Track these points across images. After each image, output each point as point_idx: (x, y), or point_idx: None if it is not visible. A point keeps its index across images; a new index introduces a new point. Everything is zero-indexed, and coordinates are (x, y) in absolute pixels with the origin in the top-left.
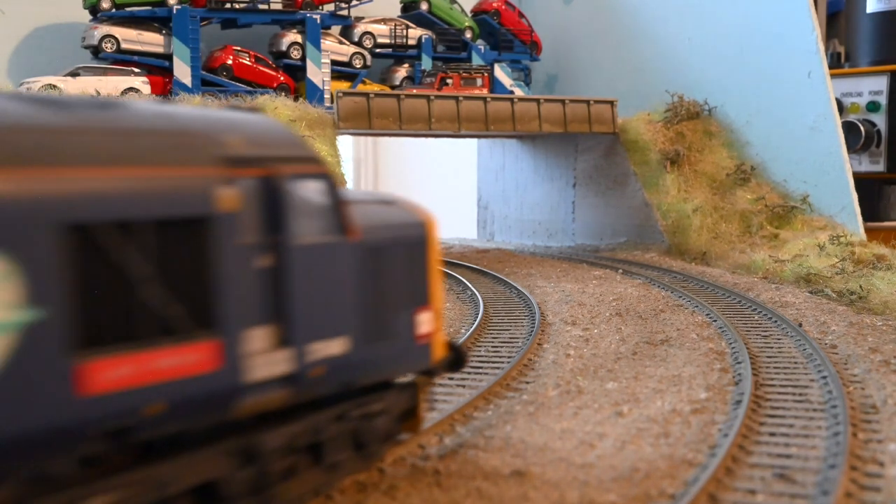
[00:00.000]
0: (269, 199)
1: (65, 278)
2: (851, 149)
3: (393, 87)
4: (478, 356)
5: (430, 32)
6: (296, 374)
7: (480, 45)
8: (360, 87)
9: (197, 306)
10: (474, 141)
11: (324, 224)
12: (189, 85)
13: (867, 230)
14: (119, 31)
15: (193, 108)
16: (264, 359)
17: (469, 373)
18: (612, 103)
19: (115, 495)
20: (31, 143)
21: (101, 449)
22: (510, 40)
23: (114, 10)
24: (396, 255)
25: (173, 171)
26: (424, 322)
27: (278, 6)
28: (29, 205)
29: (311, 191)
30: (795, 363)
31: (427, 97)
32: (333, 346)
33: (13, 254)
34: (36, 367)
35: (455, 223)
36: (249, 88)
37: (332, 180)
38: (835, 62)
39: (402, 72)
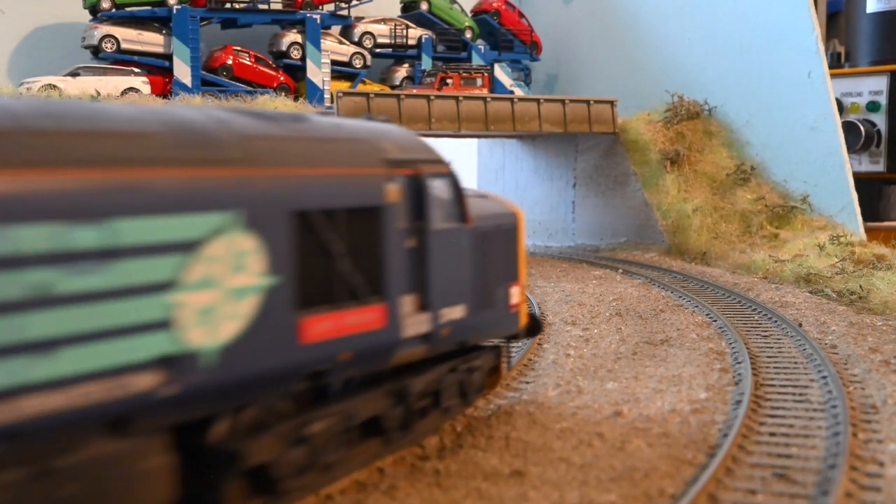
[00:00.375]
0: (415, 193)
1: (292, 253)
2: (851, 149)
3: (393, 87)
4: None
5: (430, 32)
6: (432, 333)
7: (480, 45)
8: (360, 87)
9: (372, 276)
10: (474, 141)
11: (451, 213)
12: (189, 85)
13: (867, 230)
14: (119, 31)
15: (353, 120)
16: (412, 319)
17: None
18: (612, 103)
19: (325, 423)
20: (265, 148)
21: (305, 388)
22: (510, 40)
23: (114, 10)
24: (498, 240)
25: (356, 171)
26: (515, 295)
27: (278, 6)
28: (270, 196)
29: (441, 187)
30: (795, 363)
31: (427, 97)
32: (456, 312)
33: (260, 234)
34: (274, 320)
35: None
36: (249, 88)
37: (456, 178)
38: (835, 62)
39: (402, 72)
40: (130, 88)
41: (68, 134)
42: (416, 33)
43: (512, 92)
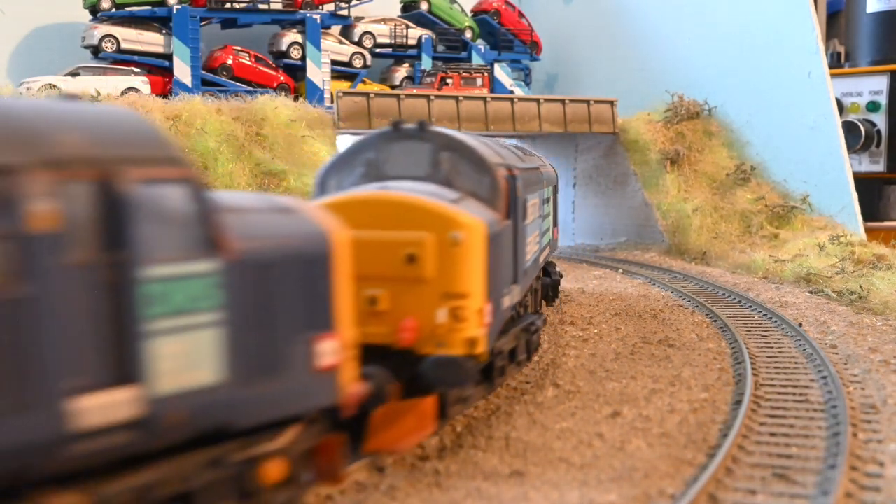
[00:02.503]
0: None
1: None
2: (851, 149)
3: (393, 87)
4: None
5: (430, 32)
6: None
7: (480, 45)
8: (360, 87)
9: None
10: None
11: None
12: (189, 85)
13: (867, 230)
14: (119, 31)
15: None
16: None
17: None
18: (612, 103)
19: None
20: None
21: None
22: (510, 40)
23: (114, 10)
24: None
25: None
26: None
27: (278, 6)
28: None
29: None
30: (795, 363)
31: (427, 97)
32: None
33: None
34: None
35: None
36: (249, 88)
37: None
38: (835, 62)
39: (402, 72)
40: (130, 88)
41: None
42: (416, 33)
43: (512, 92)
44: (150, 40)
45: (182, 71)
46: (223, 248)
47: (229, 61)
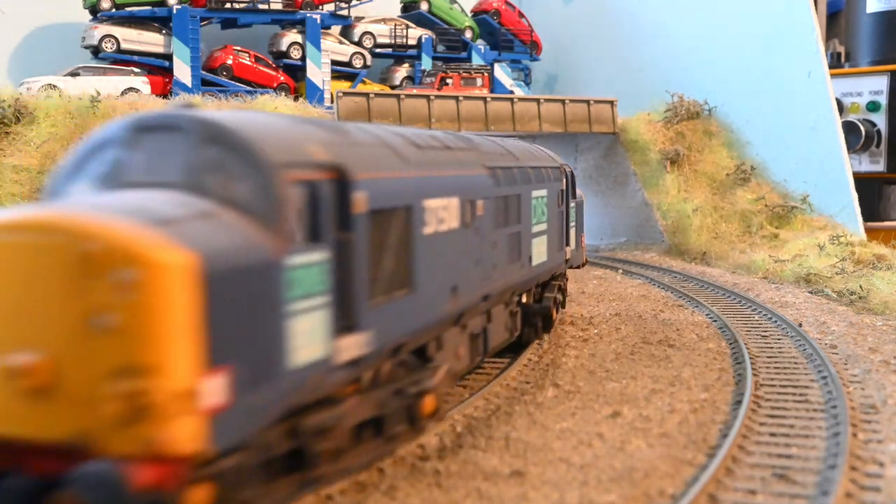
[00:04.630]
0: None
1: None
2: (851, 149)
3: (393, 87)
4: None
5: (430, 32)
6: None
7: (480, 45)
8: (360, 87)
9: None
10: None
11: None
12: (189, 85)
13: (867, 230)
14: (119, 31)
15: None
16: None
17: (469, 373)
18: (612, 103)
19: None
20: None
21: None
22: (510, 40)
23: (114, 10)
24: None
25: None
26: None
27: (278, 6)
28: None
29: None
30: (795, 363)
31: (427, 97)
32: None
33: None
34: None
35: None
36: (249, 88)
37: None
38: (835, 62)
39: (402, 72)
40: (130, 88)
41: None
42: (416, 33)
43: (512, 92)
44: (150, 40)
45: (182, 71)
46: None
47: (229, 61)
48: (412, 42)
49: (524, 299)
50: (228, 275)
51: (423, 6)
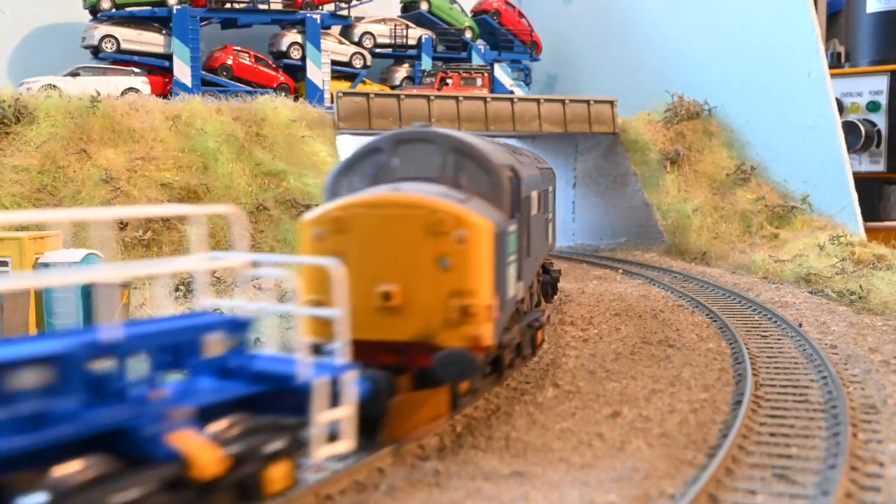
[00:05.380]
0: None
1: None
2: (851, 149)
3: (393, 87)
4: None
5: (430, 32)
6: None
7: (480, 45)
8: (360, 87)
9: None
10: None
11: None
12: (189, 85)
13: (867, 230)
14: (119, 31)
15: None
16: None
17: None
18: (612, 103)
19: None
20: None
21: None
22: (510, 40)
23: (114, 10)
24: None
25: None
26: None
27: (278, 6)
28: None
29: None
30: (795, 363)
31: (427, 97)
32: None
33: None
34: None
35: None
36: (249, 88)
37: None
38: (835, 62)
39: (402, 72)
40: (130, 88)
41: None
42: (416, 33)
43: (512, 92)
44: (150, 40)
45: (182, 71)
46: None
47: (229, 61)
48: (412, 42)
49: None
50: (500, 235)
51: (423, 6)
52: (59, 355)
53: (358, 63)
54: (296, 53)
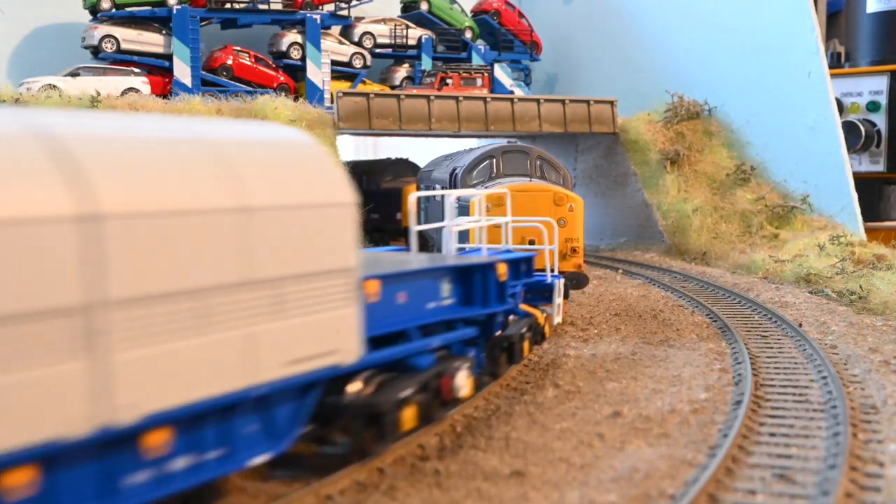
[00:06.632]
0: None
1: None
2: (851, 149)
3: (393, 87)
4: None
5: (430, 32)
6: None
7: (480, 45)
8: (360, 87)
9: None
10: (474, 141)
11: None
12: (189, 85)
13: (867, 230)
14: (119, 31)
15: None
16: None
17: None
18: (612, 103)
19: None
20: None
21: None
22: (510, 40)
23: (114, 10)
24: None
25: None
26: None
27: (278, 6)
28: None
29: None
30: (795, 363)
31: (427, 97)
32: None
33: None
34: None
35: None
36: (249, 88)
37: None
38: (835, 62)
39: (402, 72)
40: (130, 88)
41: None
42: (416, 33)
43: (512, 92)
44: (150, 40)
45: (182, 71)
46: None
47: (229, 61)
48: (412, 42)
49: None
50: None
51: (423, 6)
52: (514, 260)
53: (358, 63)
54: (296, 53)
